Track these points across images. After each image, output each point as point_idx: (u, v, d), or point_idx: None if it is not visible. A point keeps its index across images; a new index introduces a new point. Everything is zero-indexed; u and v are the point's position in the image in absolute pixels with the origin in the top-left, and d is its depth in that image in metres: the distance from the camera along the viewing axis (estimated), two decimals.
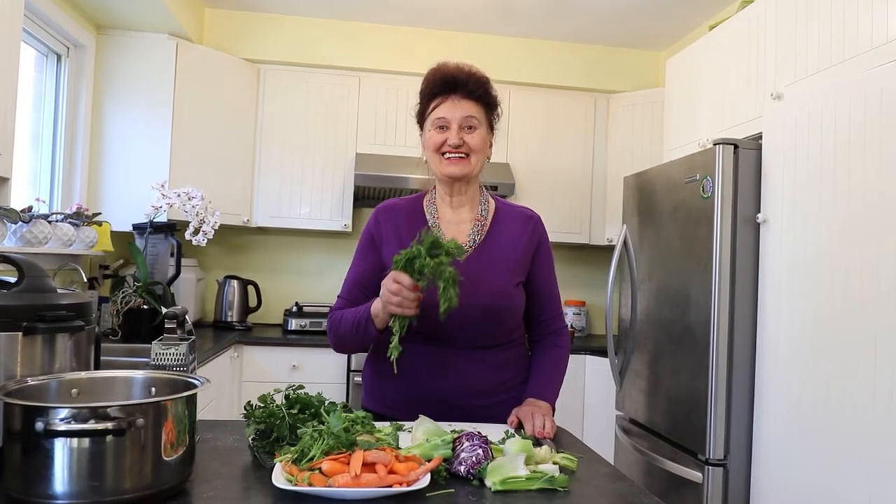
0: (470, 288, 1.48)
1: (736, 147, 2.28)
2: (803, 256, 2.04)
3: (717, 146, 2.28)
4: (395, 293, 1.33)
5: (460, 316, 1.47)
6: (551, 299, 1.68)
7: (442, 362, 1.54)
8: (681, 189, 2.51)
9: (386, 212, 1.63)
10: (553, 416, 1.52)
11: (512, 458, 1.09)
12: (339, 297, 1.62)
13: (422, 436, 1.19)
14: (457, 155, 1.53)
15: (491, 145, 1.63)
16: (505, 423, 1.50)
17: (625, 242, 2.96)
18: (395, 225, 1.60)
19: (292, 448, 1.07)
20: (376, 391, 1.63)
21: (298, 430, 1.12)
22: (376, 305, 1.43)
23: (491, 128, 1.62)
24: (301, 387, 1.24)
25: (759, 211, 2.26)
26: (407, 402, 1.55)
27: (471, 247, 1.57)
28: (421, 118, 1.62)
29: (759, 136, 2.33)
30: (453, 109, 1.53)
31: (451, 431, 1.18)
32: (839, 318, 1.88)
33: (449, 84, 1.55)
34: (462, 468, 1.09)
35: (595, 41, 3.93)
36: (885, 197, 1.75)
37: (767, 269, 2.21)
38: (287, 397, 1.22)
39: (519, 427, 1.45)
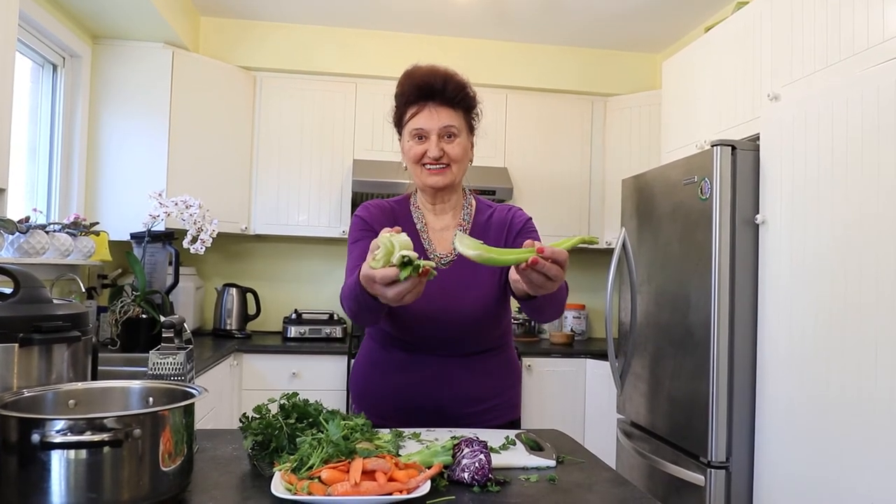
0: (456, 296, 1.48)
1: (734, 148, 2.28)
2: (803, 257, 2.04)
3: (715, 148, 2.28)
4: (395, 298, 1.13)
5: (448, 325, 1.48)
6: None
7: (432, 371, 1.52)
8: (679, 191, 2.51)
9: (376, 208, 1.58)
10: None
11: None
12: (349, 273, 1.48)
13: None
14: (437, 166, 1.49)
15: (472, 146, 1.57)
16: (502, 428, 1.49)
17: (624, 245, 2.95)
18: (382, 224, 1.53)
19: (291, 457, 1.07)
20: (367, 401, 1.60)
21: (297, 440, 1.11)
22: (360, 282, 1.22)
23: (471, 130, 1.57)
24: (295, 394, 1.23)
25: (757, 212, 2.25)
26: (400, 412, 1.53)
27: (456, 254, 1.53)
28: (398, 124, 1.57)
29: (757, 137, 2.33)
30: (431, 119, 1.48)
31: (451, 438, 1.17)
32: (839, 318, 1.88)
33: (424, 92, 1.49)
34: (466, 475, 1.08)
35: (591, 44, 3.93)
36: (883, 195, 1.75)
37: (767, 270, 2.20)
38: (282, 407, 1.21)
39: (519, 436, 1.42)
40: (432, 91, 1.48)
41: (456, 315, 1.48)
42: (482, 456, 1.09)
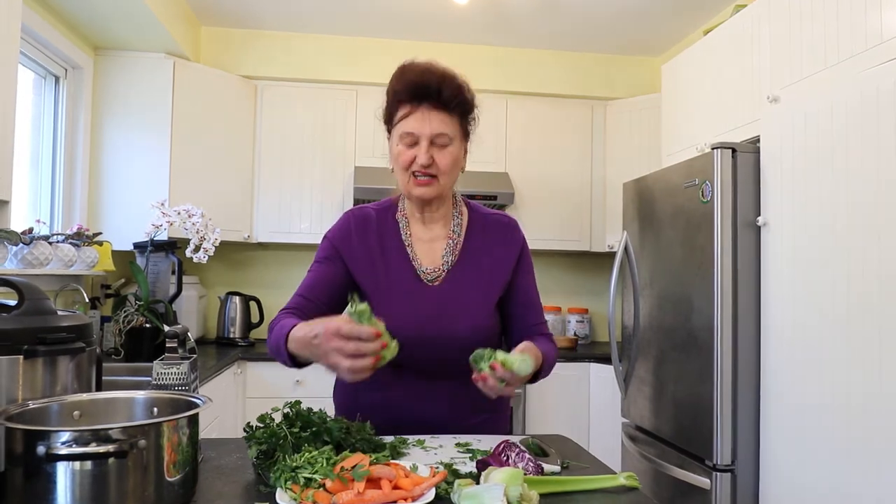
0: (445, 316, 1.41)
1: (734, 151, 2.28)
2: (805, 258, 2.03)
3: (715, 150, 2.28)
4: (351, 354, 1.12)
5: (437, 347, 1.41)
6: (534, 307, 1.56)
7: (419, 388, 1.45)
8: (680, 194, 2.51)
9: (358, 222, 1.51)
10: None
11: (489, 489, 0.97)
12: (295, 294, 1.46)
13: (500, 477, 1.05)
14: (425, 176, 1.39)
15: (466, 153, 1.48)
16: (501, 435, 1.45)
17: (626, 249, 2.95)
18: (365, 238, 1.48)
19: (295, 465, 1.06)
20: (352, 416, 1.44)
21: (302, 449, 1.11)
22: (299, 338, 1.24)
23: (466, 136, 1.46)
24: (298, 402, 1.23)
25: (759, 214, 2.25)
26: (387, 424, 1.41)
27: (445, 270, 1.46)
28: (388, 121, 1.46)
29: (757, 140, 2.33)
30: (423, 124, 1.37)
31: (456, 445, 1.17)
32: (843, 319, 1.87)
33: (417, 92, 1.38)
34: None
35: (591, 49, 3.94)
36: (883, 196, 1.75)
37: (769, 272, 2.20)
38: (286, 415, 1.21)
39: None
40: (427, 93, 1.37)
41: (445, 337, 1.40)
42: (528, 455, 1.13)
